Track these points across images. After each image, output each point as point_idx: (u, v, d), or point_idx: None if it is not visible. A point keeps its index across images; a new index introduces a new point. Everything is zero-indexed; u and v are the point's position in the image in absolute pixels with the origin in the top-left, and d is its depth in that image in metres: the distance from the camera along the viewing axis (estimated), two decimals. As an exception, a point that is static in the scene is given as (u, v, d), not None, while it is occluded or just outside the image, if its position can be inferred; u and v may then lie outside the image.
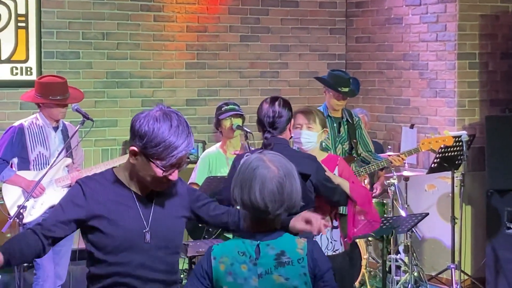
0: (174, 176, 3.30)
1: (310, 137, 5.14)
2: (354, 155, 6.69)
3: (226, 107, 6.43)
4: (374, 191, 7.79)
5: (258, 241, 3.06)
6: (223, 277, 3.05)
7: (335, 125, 6.65)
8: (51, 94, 6.10)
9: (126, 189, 3.36)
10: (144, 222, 3.32)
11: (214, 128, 6.70)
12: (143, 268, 3.30)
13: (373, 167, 6.57)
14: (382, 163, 6.58)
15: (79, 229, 3.38)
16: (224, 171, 6.25)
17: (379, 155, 6.92)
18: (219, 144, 6.52)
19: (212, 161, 6.34)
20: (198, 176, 6.30)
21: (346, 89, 6.67)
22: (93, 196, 3.32)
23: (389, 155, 6.79)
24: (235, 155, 6.39)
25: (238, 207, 3.22)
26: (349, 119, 6.69)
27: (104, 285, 3.33)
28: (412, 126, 8.38)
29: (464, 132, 7.56)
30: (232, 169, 4.81)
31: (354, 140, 6.67)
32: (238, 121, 6.40)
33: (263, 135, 4.87)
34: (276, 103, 4.77)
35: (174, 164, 3.27)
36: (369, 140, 6.81)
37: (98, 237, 3.31)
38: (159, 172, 3.27)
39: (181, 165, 3.30)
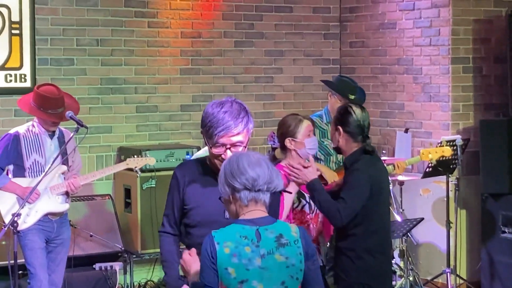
0: (227, 156, 3.73)
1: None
2: None
3: None
4: None
5: (257, 227, 3.32)
6: (227, 259, 3.27)
7: None
8: (44, 107, 6.05)
9: (213, 173, 3.85)
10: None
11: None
12: None
13: None
14: None
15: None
16: None
17: None
18: (207, 147, 6.51)
19: None
20: None
21: (353, 96, 6.70)
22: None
23: (385, 160, 6.79)
24: None
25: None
26: None
27: None
28: (406, 131, 8.39)
29: (459, 136, 7.57)
30: None
31: None
32: None
33: (364, 141, 4.92)
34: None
35: (225, 144, 3.78)
36: None
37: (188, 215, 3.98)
38: (213, 151, 3.82)
39: (235, 146, 3.77)
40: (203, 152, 6.52)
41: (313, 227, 5.07)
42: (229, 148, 3.79)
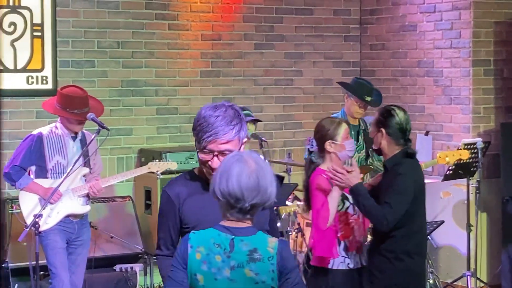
0: (213, 163, 3.51)
1: None
2: (369, 164, 6.71)
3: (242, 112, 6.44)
4: None
5: (233, 236, 3.23)
6: (198, 265, 3.22)
7: (353, 133, 6.66)
8: (70, 107, 6.10)
9: (205, 182, 3.62)
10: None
11: None
12: None
13: None
14: None
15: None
16: None
17: None
18: None
19: None
20: None
21: (369, 98, 6.71)
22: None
23: None
24: None
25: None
26: (366, 129, 6.73)
27: None
28: (427, 133, 8.36)
29: (479, 139, 7.54)
30: None
31: (370, 149, 6.70)
32: (252, 127, 6.41)
33: (405, 144, 4.99)
34: None
35: (213, 150, 3.52)
36: None
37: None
38: (200, 157, 3.57)
39: (223, 154, 3.50)
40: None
41: (357, 228, 5.10)
42: (217, 156, 3.53)
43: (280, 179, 3.74)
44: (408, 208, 4.90)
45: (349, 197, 5.01)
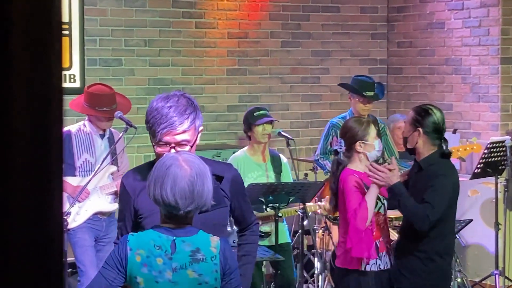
0: None
1: None
2: (380, 162, 6.68)
3: (258, 112, 6.45)
4: None
5: (174, 237, 3.16)
6: (138, 268, 3.15)
7: None
8: (98, 105, 6.14)
9: None
10: None
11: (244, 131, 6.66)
12: None
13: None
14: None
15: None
16: (252, 176, 6.34)
17: (403, 161, 6.93)
18: (246, 148, 6.54)
19: (241, 165, 6.35)
20: None
21: (371, 93, 6.72)
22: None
23: None
24: (263, 161, 6.46)
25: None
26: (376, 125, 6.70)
27: None
28: (455, 131, 8.32)
29: (508, 137, 7.48)
30: None
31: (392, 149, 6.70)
32: (269, 127, 6.42)
33: (441, 144, 4.99)
34: None
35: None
36: (394, 147, 6.88)
37: None
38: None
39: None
40: (242, 153, 6.52)
41: (386, 228, 5.09)
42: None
43: (219, 179, 3.61)
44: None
45: (381, 197, 4.99)
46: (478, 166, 7.30)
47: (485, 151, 6.86)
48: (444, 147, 5.05)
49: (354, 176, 4.94)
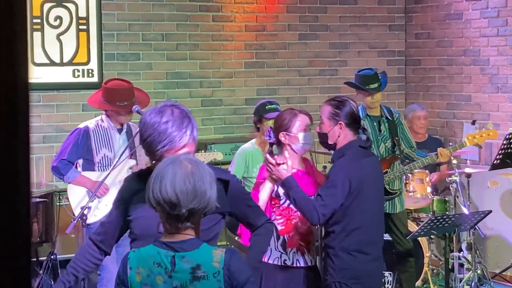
0: None
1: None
2: (397, 153, 6.66)
3: (270, 106, 6.45)
4: (431, 179, 7.67)
5: (174, 253, 2.98)
6: (139, 287, 3.01)
7: (375, 124, 6.64)
8: (117, 100, 6.15)
9: None
10: None
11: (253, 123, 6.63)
12: None
13: (417, 164, 6.59)
14: (427, 160, 6.60)
15: None
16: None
17: (421, 151, 6.92)
18: (254, 140, 6.53)
19: (249, 157, 6.35)
20: (235, 170, 6.31)
21: (375, 85, 6.70)
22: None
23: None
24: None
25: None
26: (389, 117, 6.67)
27: None
28: (473, 123, 8.28)
29: (527, 128, 7.45)
30: None
31: (396, 138, 6.65)
32: None
33: (360, 134, 4.84)
34: None
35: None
36: (411, 136, 6.85)
37: None
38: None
39: None
40: (251, 145, 6.51)
41: (300, 224, 4.84)
42: None
43: (225, 183, 3.48)
44: (344, 202, 4.67)
45: None
46: (497, 157, 7.26)
47: (504, 142, 6.82)
48: (363, 138, 4.80)
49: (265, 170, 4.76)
